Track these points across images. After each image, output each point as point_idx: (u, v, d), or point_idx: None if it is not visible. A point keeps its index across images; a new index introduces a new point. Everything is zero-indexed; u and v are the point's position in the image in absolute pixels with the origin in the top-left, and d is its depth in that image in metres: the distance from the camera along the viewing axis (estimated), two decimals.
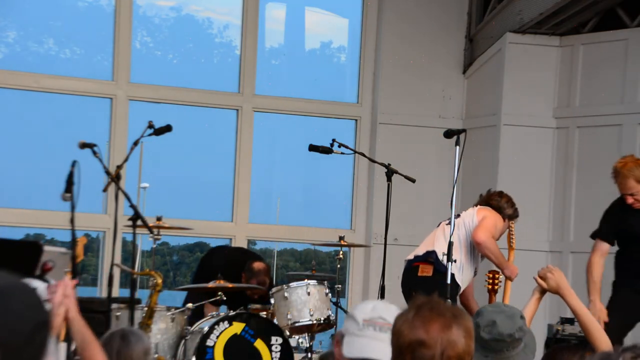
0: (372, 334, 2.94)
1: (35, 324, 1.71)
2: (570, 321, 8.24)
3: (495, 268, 6.88)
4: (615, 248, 7.19)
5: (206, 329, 6.82)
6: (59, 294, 3.66)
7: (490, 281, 6.70)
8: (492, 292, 6.66)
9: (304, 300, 7.15)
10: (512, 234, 7.09)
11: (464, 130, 6.48)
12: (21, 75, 9.58)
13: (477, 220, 6.98)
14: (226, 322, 6.86)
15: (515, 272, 6.88)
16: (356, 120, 10.26)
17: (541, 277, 4.45)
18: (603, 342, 4.15)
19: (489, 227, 6.90)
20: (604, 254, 7.07)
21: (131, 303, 6.37)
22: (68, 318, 3.70)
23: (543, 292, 4.48)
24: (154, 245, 7.14)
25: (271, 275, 8.23)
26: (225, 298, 7.09)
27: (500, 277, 6.69)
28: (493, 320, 3.76)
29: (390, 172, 7.36)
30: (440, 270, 6.70)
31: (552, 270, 4.45)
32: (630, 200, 6.91)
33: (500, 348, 3.76)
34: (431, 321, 2.67)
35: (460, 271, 6.84)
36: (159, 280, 6.43)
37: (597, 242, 7.13)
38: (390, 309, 2.97)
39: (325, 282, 7.34)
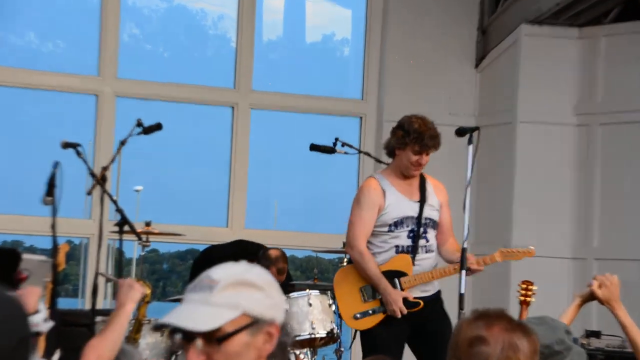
0: (187, 298, 2.34)
1: (17, 340, 1.71)
2: (596, 334, 8.28)
3: (528, 278, 6.56)
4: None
5: None
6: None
7: (523, 292, 6.37)
8: (524, 303, 6.33)
9: (305, 312, 6.97)
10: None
11: (477, 128, 6.29)
12: None
13: None
14: None
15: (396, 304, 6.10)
16: (361, 117, 10.25)
17: (599, 284, 4.32)
18: None
19: (350, 231, 6.21)
20: None
21: None
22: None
23: (585, 299, 4.37)
24: (143, 253, 7.14)
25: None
26: None
27: (534, 287, 6.40)
28: None
29: None
30: None
31: (611, 278, 4.31)
32: None
33: None
34: (495, 321, 2.71)
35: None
36: (148, 291, 6.13)
37: None
38: (235, 268, 2.35)
39: (329, 292, 7.11)
